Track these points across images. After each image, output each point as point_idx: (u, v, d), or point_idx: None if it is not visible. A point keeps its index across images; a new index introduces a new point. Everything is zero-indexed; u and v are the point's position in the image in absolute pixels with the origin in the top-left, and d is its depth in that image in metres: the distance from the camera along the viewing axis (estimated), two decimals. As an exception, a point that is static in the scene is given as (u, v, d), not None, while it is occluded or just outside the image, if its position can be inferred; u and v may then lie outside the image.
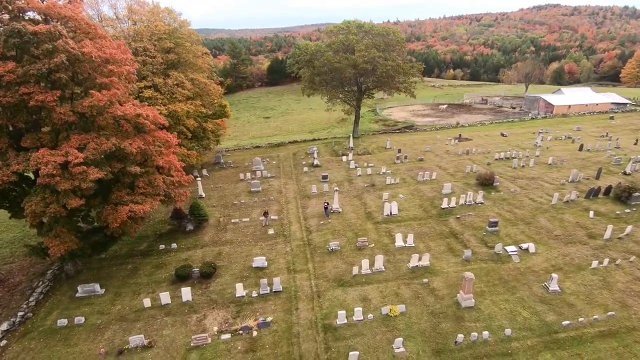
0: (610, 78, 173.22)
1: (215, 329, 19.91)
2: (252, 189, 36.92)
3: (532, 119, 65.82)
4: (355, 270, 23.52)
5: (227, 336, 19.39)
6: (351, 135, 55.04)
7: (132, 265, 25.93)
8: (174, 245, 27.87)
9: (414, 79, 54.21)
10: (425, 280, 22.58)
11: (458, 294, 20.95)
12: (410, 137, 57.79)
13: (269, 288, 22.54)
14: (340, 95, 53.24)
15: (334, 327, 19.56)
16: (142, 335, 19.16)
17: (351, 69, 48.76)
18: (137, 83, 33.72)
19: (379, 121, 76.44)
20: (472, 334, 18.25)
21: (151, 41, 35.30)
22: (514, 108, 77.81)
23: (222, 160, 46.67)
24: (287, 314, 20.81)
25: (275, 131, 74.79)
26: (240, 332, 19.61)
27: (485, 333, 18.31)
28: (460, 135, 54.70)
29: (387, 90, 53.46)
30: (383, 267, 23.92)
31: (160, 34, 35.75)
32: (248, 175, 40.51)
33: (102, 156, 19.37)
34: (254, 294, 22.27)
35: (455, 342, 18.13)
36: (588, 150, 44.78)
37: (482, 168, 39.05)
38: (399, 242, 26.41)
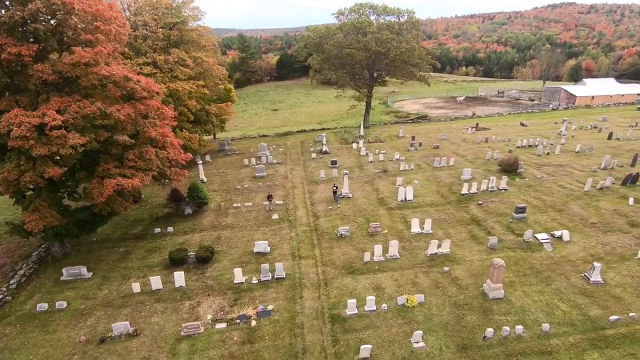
0: (630, 75, 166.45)
1: (210, 317, 17.72)
2: (256, 174, 34.77)
3: (553, 109, 62.46)
4: (366, 256, 21.13)
5: (222, 325, 17.19)
6: (362, 124, 52.50)
7: (124, 249, 23.95)
8: (170, 228, 25.84)
9: (426, 70, 51.58)
10: (446, 268, 20.07)
11: (484, 284, 18.42)
12: (423, 126, 55.08)
13: (270, 274, 20.30)
14: (351, 82, 50.74)
15: (343, 317, 17.21)
16: (127, 322, 17.08)
17: (363, 52, 46.28)
18: (136, 59, 31.88)
19: (390, 113, 73.76)
20: (504, 328, 15.71)
21: (152, 15, 33.36)
22: (533, 100, 74.34)
23: (226, 148, 44.63)
24: (290, 302, 18.53)
25: (283, 122, 72.70)
26: (237, 321, 17.40)
27: (519, 328, 15.76)
28: (477, 124, 51.81)
29: (401, 76, 50.72)
30: (398, 254, 21.48)
31: (162, 8, 33.80)
32: (253, 160, 38.40)
33: (86, 122, 17.33)
34: (254, 281, 20.05)
35: (484, 337, 15.61)
36: (618, 139, 41.58)
37: (503, 155, 36.24)
38: (415, 229, 23.92)
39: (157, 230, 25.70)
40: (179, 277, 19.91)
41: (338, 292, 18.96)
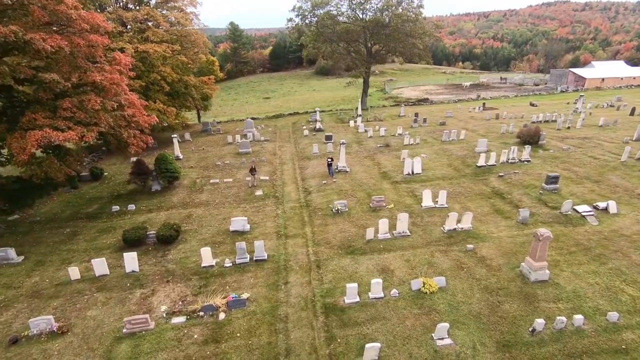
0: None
1: (164, 308, 13.42)
2: (240, 150, 30.46)
3: (562, 92, 58.73)
4: (369, 233, 16.94)
5: (180, 319, 12.92)
6: (359, 104, 48.27)
7: (70, 230, 19.55)
8: (132, 206, 21.47)
9: (429, 43, 47.37)
10: (470, 246, 15.93)
11: (522, 264, 14.29)
12: (426, 108, 51.01)
13: (248, 256, 16.03)
14: (347, 57, 46.49)
15: (341, 307, 13.02)
16: (50, 317, 12.73)
17: (359, 23, 42.08)
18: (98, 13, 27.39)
19: (388, 99, 69.54)
20: (558, 319, 11.58)
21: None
22: (537, 85, 70.62)
23: (210, 128, 40.09)
24: (272, 289, 14.29)
25: (275, 109, 68.29)
26: (201, 313, 13.13)
27: (578, 318, 11.65)
28: (484, 104, 47.89)
29: (400, 52, 46.43)
30: (408, 231, 17.32)
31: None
32: (237, 138, 34.04)
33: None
34: (227, 264, 15.77)
35: (532, 330, 11.48)
36: (641, 114, 37.79)
37: (518, 129, 32.23)
38: (427, 202, 19.79)
39: (115, 208, 21.31)
40: (131, 260, 15.57)
41: (334, 276, 14.76)
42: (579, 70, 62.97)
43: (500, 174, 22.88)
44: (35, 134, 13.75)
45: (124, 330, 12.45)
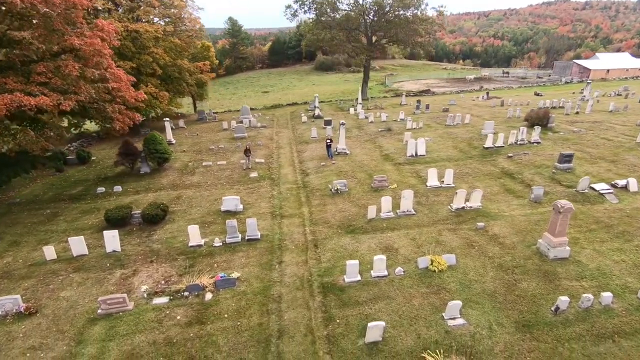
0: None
1: (144, 288, 12.15)
2: (235, 135, 29.19)
3: (567, 83, 57.49)
4: (371, 212, 15.68)
5: (162, 300, 11.66)
6: (359, 93, 46.96)
7: (51, 211, 18.27)
8: (118, 187, 20.20)
9: (432, 31, 46.00)
10: (481, 224, 14.67)
11: (540, 240, 13.02)
12: (429, 98, 49.69)
13: (239, 235, 14.77)
14: (347, 44, 45.19)
15: (340, 286, 11.76)
16: (17, 297, 11.49)
17: (360, 8, 40.81)
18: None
19: (389, 91, 68.34)
20: (585, 296, 10.32)
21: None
22: (541, 78, 69.35)
23: (205, 116, 38.79)
24: (265, 269, 13.02)
25: (273, 102, 67.01)
26: (185, 293, 11.87)
27: (606, 295, 10.39)
28: (487, 93, 46.62)
29: (402, 40, 45.09)
30: (412, 210, 16.06)
31: None
32: (233, 123, 32.75)
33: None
34: (217, 243, 14.51)
35: (555, 309, 10.22)
36: (651, 101, 36.53)
37: (525, 114, 30.96)
38: (433, 182, 18.54)
39: (100, 189, 20.04)
40: (111, 239, 14.29)
41: (333, 255, 13.50)
42: (583, 62, 61.78)
43: (510, 155, 21.63)
44: (3, 98, 12.47)
45: (99, 311, 11.18)
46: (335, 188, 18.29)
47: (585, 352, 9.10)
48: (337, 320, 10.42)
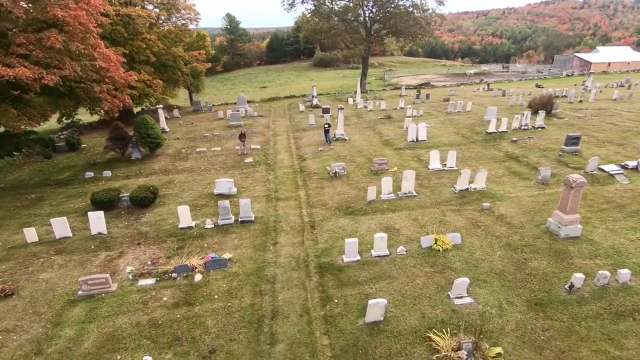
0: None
1: (130, 269, 11.39)
2: (231, 123, 28.42)
3: (568, 76, 56.89)
4: (371, 193, 14.95)
5: (148, 281, 10.91)
6: (358, 86, 46.16)
7: (36, 195, 17.50)
8: (108, 172, 19.42)
9: (434, 21, 45.31)
10: (487, 204, 13.96)
11: (549, 219, 12.30)
12: (428, 90, 48.96)
13: (232, 217, 14.02)
14: (346, 35, 44.43)
15: (338, 266, 11.03)
16: (-8, 277, 10.74)
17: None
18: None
19: (388, 85, 67.64)
20: (601, 272, 9.61)
21: None
22: (541, 72, 68.71)
23: (201, 107, 37.94)
24: (259, 250, 12.28)
25: (270, 96, 66.28)
26: (174, 274, 11.12)
27: (624, 272, 9.68)
28: (488, 85, 45.96)
29: (401, 30, 44.31)
30: (414, 192, 15.34)
31: None
32: (229, 112, 31.96)
33: None
34: (209, 225, 13.76)
35: (570, 286, 9.51)
36: (654, 90, 35.91)
37: (527, 102, 30.29)
38: (435, 165, 17.83)
39: (89, 174, 19.25)
40: (96, 220, 13.52)
41: (330, 236, 12.77)
42: (584, 55, 61.20)
43: (514, 139, 20.94)
44: (-22, 68, 11.74)
45: (80, 293, 10.43)
46: (334, 171, 17.56)
47: (604, 331, 8.39)
48: (335, 300, 9.69)
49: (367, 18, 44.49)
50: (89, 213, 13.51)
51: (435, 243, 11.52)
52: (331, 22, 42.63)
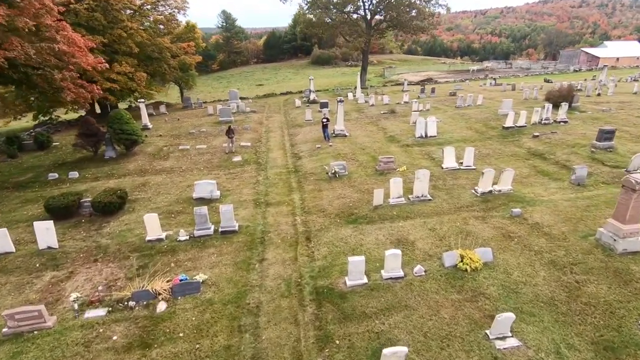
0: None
1: (74, 297, 8.98)
2: (220, 119, 26.00)
3: (575, 71, 54.70)
4: (378, 197, 12.59)
5: (97, 312, 8.53)
6: (357, 83, 43.73)
7: (-12, 200, 15.08)
8: (74, 174, 17.00)
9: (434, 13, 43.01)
10: (517, 210, 11.62)
11: (601, 229, 9.97)
12: (432, 85, 46.70)
13: (212, 227, 11.65)
14: (344, 27, 42.05)
15: (340, 292, 8.67)
16: None
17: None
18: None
19: (388, 82, 65.33)
20: (687, 303, 7.28)
21: None
22: (546, 68, 66.51)
23: (191, 102, 35.43)
24: (241, 269, 9.90)
25: (266, 92, 63.90)
26: (131, 303, 8.73)
27: None
28: (495, 80, 43.71)
29: (402, 22, 41.93)
30: (429, 195, 12.99)
31: None
32: (219, 107, 29.52)
33: None
34: (183, 237, 11.38)
35: (649, 323, 7.17)
36: (674, 84, 33.60)
37: (542, 96, 28.01)
38: (450, 163, 15.49)
39: (52, 175, 16.83)
40: (44, 232, 11.09)
41: (330, 251, 10.40)
42: (592, 50, 59.08)
43: (536, 134, 18.61)
44: None
45: (4, 330, 8.04)
46: (333, 171, 15.19)
47: None
48: (337, 342, 7.32)
49: (367, 10, 42.15)
50: (34, 223, 11.09)
51: (461, 261, 9.18)
52: (329, 14, 40.26)
